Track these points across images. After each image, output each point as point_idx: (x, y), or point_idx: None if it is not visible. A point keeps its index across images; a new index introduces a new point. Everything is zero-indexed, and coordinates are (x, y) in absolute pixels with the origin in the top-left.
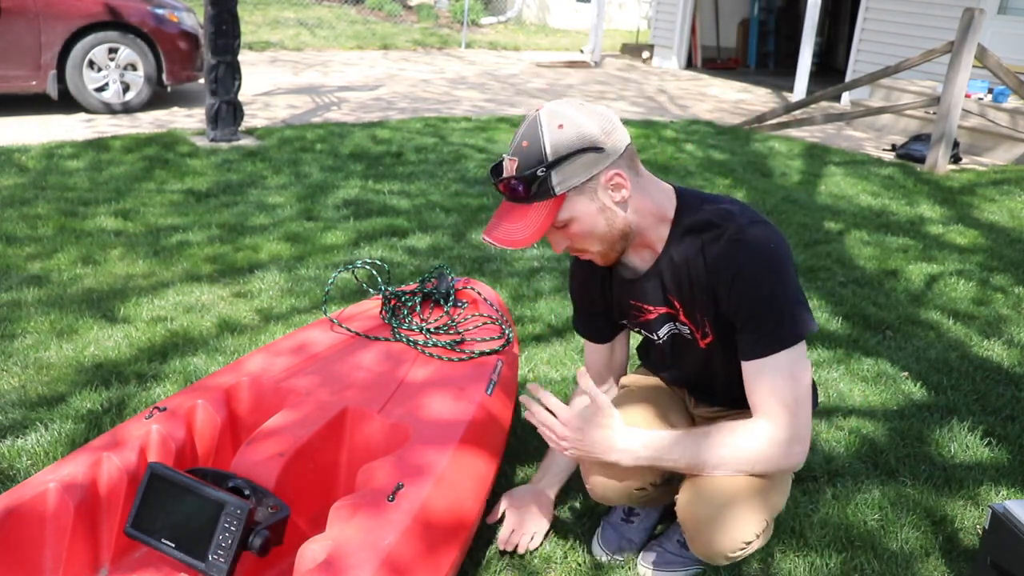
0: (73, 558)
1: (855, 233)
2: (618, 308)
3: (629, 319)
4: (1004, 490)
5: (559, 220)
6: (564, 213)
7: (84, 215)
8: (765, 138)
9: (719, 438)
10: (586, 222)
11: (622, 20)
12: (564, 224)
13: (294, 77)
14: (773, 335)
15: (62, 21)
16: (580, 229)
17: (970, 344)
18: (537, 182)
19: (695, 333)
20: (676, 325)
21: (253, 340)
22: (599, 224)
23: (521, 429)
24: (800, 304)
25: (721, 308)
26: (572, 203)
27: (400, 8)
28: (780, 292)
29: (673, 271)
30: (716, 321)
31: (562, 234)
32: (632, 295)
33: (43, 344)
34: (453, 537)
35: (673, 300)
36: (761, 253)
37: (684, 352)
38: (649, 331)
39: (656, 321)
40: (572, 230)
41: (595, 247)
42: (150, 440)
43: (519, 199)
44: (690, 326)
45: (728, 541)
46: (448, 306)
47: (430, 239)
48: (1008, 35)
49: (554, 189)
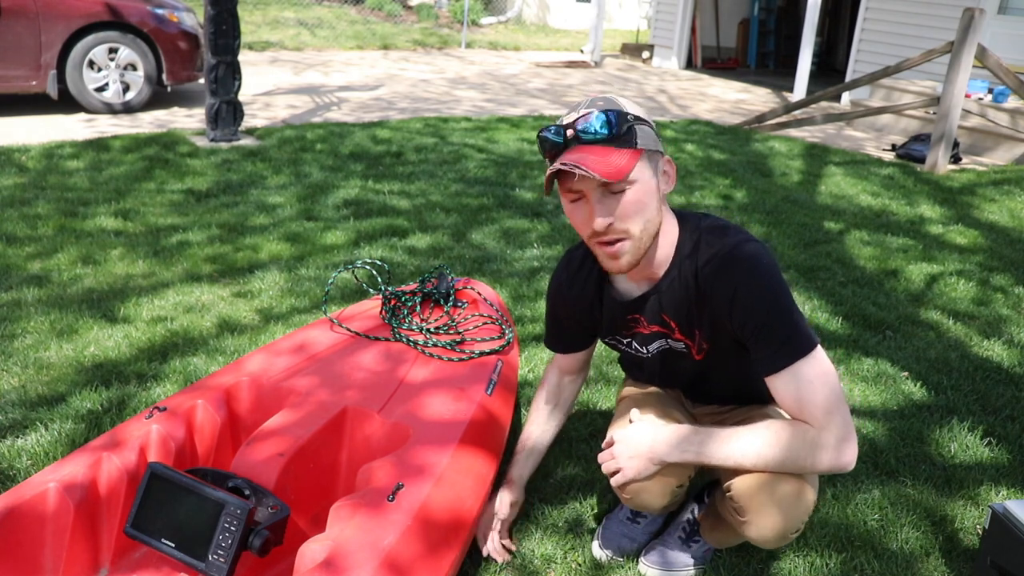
0: (73, 558)
1: (855, 233)
2: (608, 323)
3: (620, 334)
4: (1004, 490)
5: (628, 177)
6: (635, 173)
7: (84, 215)
8: (765, 138)
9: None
10: (645, 191)
11: (622, 20)
12: (629, 184)
13: (294, 77)
14: (790, 344)
15: (62, 21)
16: (637, 197)
17: (970, 344)
18: (627, 125)
19: (691, 347)
20: (668, 342)
21: (253, 340)
22: (652, 203)
23: (521, 429)
24: (800, 315)
25: (721, 324)
26: (641, 166)
27: (400, 8)
28: (783, 302)
29: (671, 293)
30: (713, 336)
31: (617, 200)
32: (628, 310)
33: (43, 344)
34: (453, 537)
35: (668, 320)
36: (756, 267)
37: (676, 364)
38: (641, 344)
39: (649, 336)
40: (630, 197)
41: (637, 228)
42: (150, 440)
43: (603, 139)
44: (686, 342)
45: (792, 521)
46: (448, 306)
47: (430, 239)
48: (1008, 35)
49: (637, 141)
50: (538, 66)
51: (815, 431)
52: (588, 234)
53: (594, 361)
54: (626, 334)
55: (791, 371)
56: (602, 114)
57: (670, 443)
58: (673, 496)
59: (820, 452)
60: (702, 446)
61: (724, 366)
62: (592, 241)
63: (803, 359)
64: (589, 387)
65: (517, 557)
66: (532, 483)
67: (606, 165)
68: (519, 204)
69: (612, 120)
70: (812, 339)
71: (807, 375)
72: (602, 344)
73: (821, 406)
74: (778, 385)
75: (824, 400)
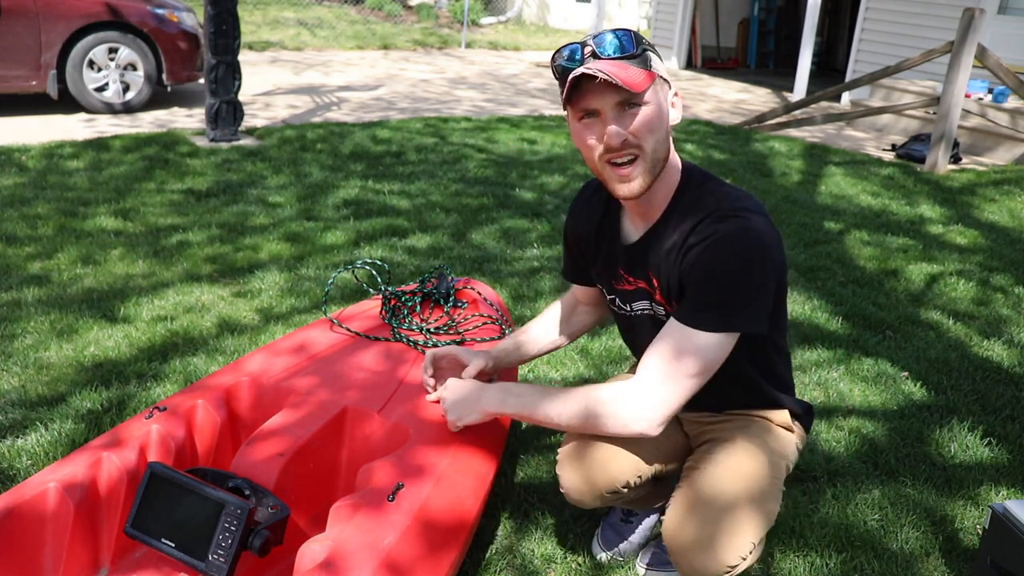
0: (73, 558)
1: (855, 233)
2: (602, 268)
3: (608, 283)
4: (1004, 490)
5: (645, 95)
6: (649, 93)
7: (84, 215)
8: (765, 138)
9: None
10: (658, 113)
11: (622, 20)
12: (645, 103)
13: (294, 77)
14: (698, 311)
15: (62, 21)
16: (651, 116)
17: (970, 344)
18: (642, 47)
19: (671, 311)
20: (652, 305)
21: (253, 340)
22: (663, 124)
23: (521, 429)
24: (750, 302)
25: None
26: (655, 89)
27: (400, 8)
28: (735, 280)
29: (659, 247)
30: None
31: (632, 117)
32: (619, 261)
33: (43, 344)
34: (453, 537)
35: (652, 277)
36: (740, 238)
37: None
38: (624, 302)
39: (633, 293)
40: (645, 113)
41: (650, 145)
42: (150, 440)
43: (621, 54)
44: (666, 307)
45: (714, 564)
46: (448, 306)
47: (430, 239)
48: (1008, 35)
49: (651, 64)
50: (538, 66)
51: (629, 384)
52: (600, 152)
53: (595, 361)
54: (615, 285)
55: (676, 326)
56: (618, 34)
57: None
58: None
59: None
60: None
61: None
62: (603, 162)
63: (694, 329)
64: None
65: (517, 557)
66: (532, 483)
67: (628, 76)
68: (519, 204)
69: (630, 38)
70: (726, 326)
71: (680, 341)
72: (601, 345)
73: (658, 368)
74: (666, 329)
75: (666, 367)
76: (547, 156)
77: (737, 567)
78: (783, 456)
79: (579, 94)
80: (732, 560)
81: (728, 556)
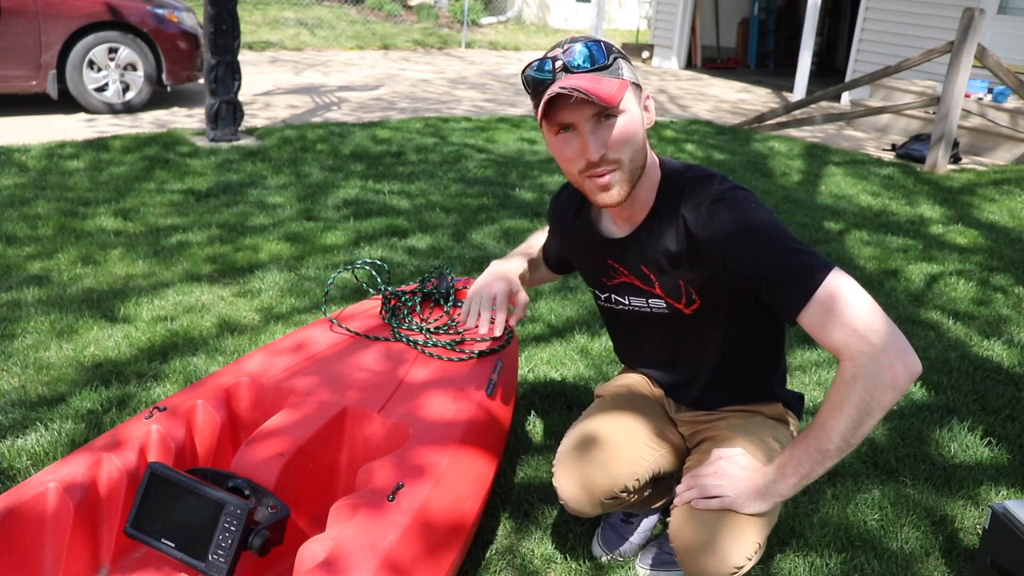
0: (73, 558)
1: (855, 233)
2: (591, 264)
3: (599, 281)
4: (1004, 490)
5: (620, 106)
6: (625, 101)
7: (84, 215)
8: (765, 138)
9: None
10: (634, 121)
11: (622, 20)
12: (621, 113)
13: (294, 77)
14: (804, 276)
15: (62, 21)
16: (627, 126)
17: (970, 344)
18: (613, 56)
19: (675, 305)
20: (648, 302)
21: (253, 340)
22: (639, 132)
23: (521, 429)
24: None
25: (714, 272)
26: (629, 96)
27: (400, 8)
28: (784, 238)
29: (651, 242)
30: (703, 287)
31: (609, 129)
32: (610, 254)
33: (43, 344)
34: (453, 537)
35: (648, 273)
36: (746, 211)
37: (662, 330)
38: (619, 296)
39: (627, 287)
40: (621, 125)
41: (627, 155)
42: (150, 440)
43: (594, 66)
44: (668, 300)
45: (720, 566)
46: (448, 306)
47: (430, 239)
48: (1008, 35)
49: (622, 72)
50: None
51: (848, 364)
52: (580, 167)
53: (595, 361)
54: (607, 282)
55: (812, 303)
56: (588, 45)
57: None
58: (606, 507)
59: (884, 374)
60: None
61: (715, 338)
62: (582, 176)
63: (821, 285)
64: (589, 387)
65: (517, 557)
66: (532, 483)
67: (602, 89)
68: (519, 204)
69: (600, 49)
70: (826, 262)
71: (829, 300)
72: (601, 345)
73: (850, 328)
74: (806, 322)
75: (850, 320)
76: (547, 156)
77: (743, 567)
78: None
79: (554, 110)
80: (739, 561)
81: (735, 557)
